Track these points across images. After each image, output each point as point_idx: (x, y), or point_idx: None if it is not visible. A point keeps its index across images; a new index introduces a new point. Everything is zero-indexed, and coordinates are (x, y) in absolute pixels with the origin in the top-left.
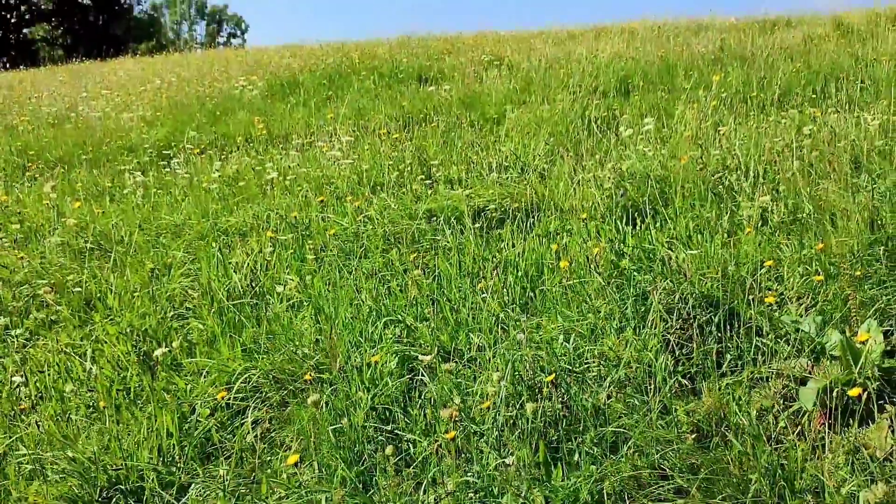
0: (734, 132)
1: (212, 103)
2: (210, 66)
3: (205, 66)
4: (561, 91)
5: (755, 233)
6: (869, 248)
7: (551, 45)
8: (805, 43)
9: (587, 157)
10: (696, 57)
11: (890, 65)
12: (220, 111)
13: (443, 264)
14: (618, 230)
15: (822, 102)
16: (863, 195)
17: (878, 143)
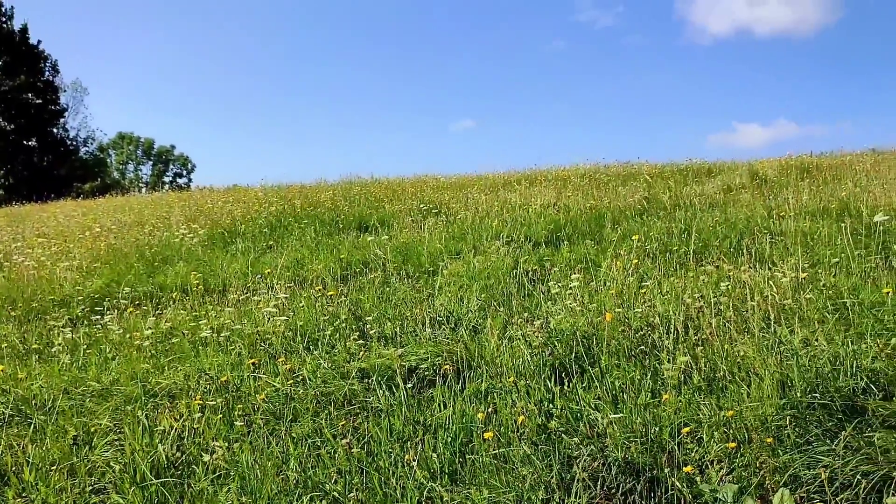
0: (657, 287)
1: (150, 252)
2: (152, 211)
3: (147, 211)
4: (495, 241)
5: (677, 393)
6: (780, 411)
7: (487, 193)
8: (724, 193)
9: (518, 312)
10: (623, 207)
11: (797, 221)
12: (158, 260)
13: (373, 429)
14: (547, 390)
15: (738, 257)
16: (772, 357)
17: (787, 302)
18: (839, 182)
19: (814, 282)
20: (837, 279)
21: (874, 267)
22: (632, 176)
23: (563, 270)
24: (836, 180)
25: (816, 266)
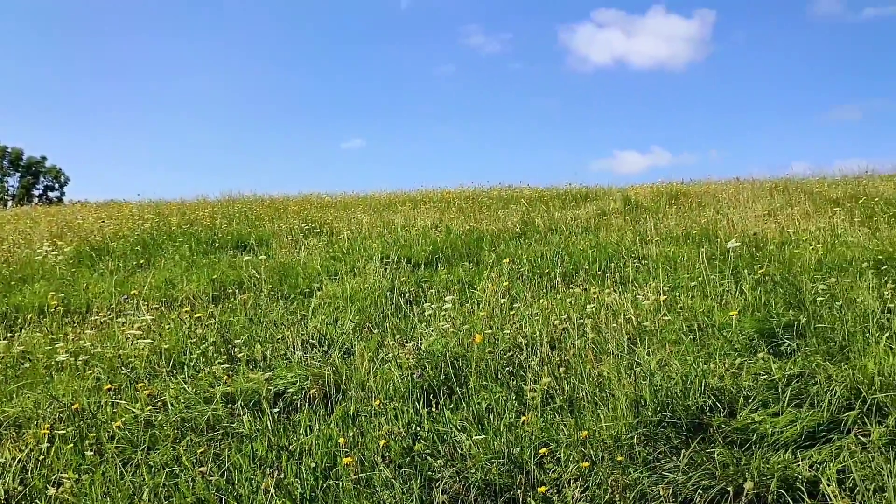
0: (528, 309)
1: (9, 270)
2: (14, 226)
3: (8, 226)
4: (375, 262)
5: (539, 414)
6: (633, 430)
7: (371, 213)
8: (598, 217)
9: (392, 334)
10: (502, 230)
11: (662, 245)
12: (16, 279)
13: (235, 455)
14: (416, 412)
15: (606, 279)
16: (627, 378)
17: (646, 323)
18: (703, 209)
19: (673, 304)
20: (694, 302)
21: (726, 290)
22: (513, 199)
23: (440, 292)
24: (700, 207)
25: (676, 289)
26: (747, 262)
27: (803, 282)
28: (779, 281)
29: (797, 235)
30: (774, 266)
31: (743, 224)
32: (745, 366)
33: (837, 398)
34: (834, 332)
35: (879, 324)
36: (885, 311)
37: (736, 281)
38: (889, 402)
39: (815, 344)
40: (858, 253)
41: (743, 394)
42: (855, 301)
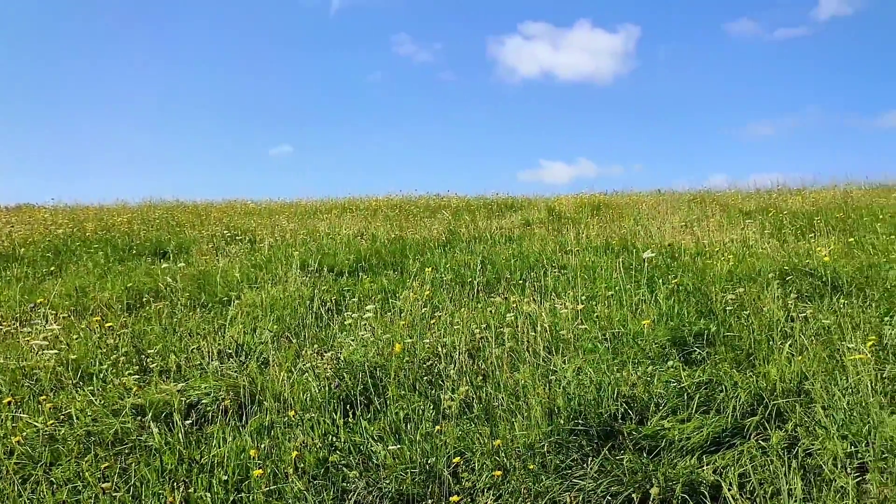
0: (449, 318)
1: None
2: None
3: None
4: (296, 270)
5: (456, 423)
6: (546, 438)
7: (297, 220)
8: (523, 227)
9: (312, 343)
10: (428, 238)
11: (583, 255)
12: None
13: (143, 469)
14: (332, 422)
15: (527, 287)
16: (541, 386)
17: (563, 332)
18: (624, 220)
19: (590, 313)
20: (611, 311)
21: (641, 299)
22: (440, 208)
23: (362, 301)
24: (621, 218)
25: (594, 298)
26: (663, 272)
27: (714, 292)
28: (691, 290)
29: (711, 246)
30: (688, 276)
31: (661, 235)
32: (656, 373)
33: (741, 404)
34: (741, 341)
35: (783, 332)
36: (789, 320)
37: (651, 290)
38: (788, 407)
39: (724, 352)
40: (767, 264)
41: (654, 401)
42: (761, 310)
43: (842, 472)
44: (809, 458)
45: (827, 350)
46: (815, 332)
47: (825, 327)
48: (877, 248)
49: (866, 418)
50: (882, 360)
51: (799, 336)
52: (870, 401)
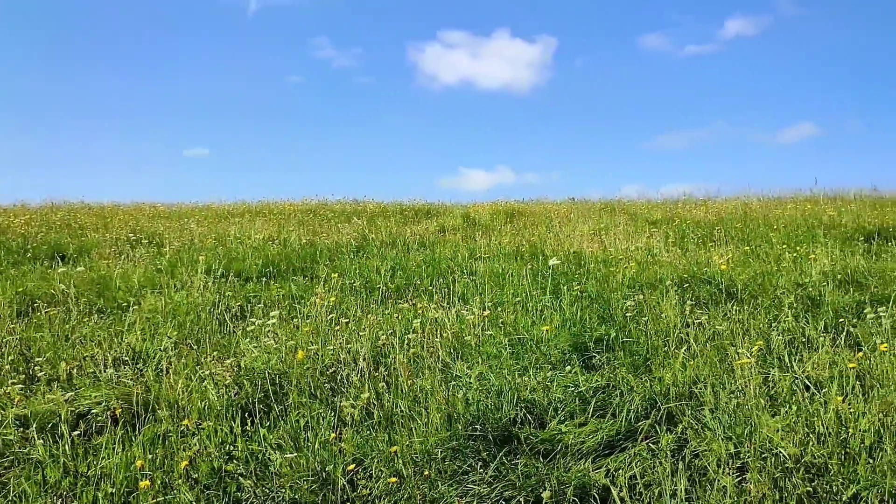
0: (356, 324)
1: None
2: None
3: None
4: (202, 275)
5: (357, 430)
6: (444, 443)
7: (207, 224)
8: (438, 233)
9: (213, 350)
10: (341, 244)
11: (493, 262)
12: None
13: (24, 483)
14: (231, 431)
15: (436, 294)
16: (440, 392)
17: (467, 338)
18: (537, 227)
19: (495, 319)
20: (516, 317)
21: (546, 306)
22: (356, 213)
23: (268, 307)
24: (534, 225)
25: (501, 305)
26: (570, 278)
27: (616, 298)
28: (595, 297)
29: (617, 254)
30: (592, 283)
31: (570, 242)
32: (556, 378)
33: (636, 408)
34: (639, 346)
35: (679, 338)
36: (685, 326)
37: (556, 297)
38: (679, 410)
39: (623, 357)
40: (668, 271)
41: (553, 406)
42: (660, 317)
43: (724, 472)
44: (696, 459)
45: (718, 355)
46: (708, 338)
47: (718, 333)
48: (770, 257)
49: (749, 420)
50: (768, 363)
51: (693, 341)
52: (752, 403)
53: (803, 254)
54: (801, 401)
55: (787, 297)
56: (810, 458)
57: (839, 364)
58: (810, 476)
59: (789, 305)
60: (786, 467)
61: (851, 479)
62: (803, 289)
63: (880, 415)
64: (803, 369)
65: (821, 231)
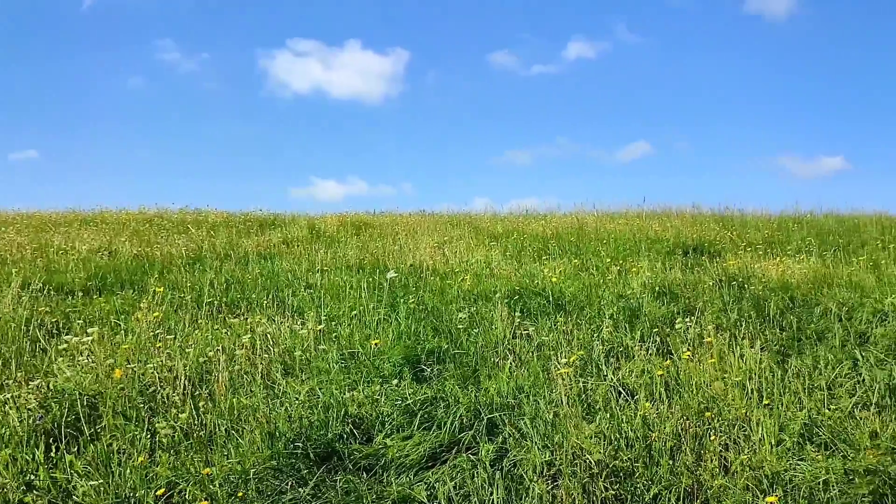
0: (182, 340)
1: None
2: None
3: None
4: (15, 289)
5: (174, 451)
6: (265, 462)
7: (29, 233)
8: (282, 245)
9: (21, 370)
10: (177, 255)
11: (335, 274)
12: None
13: None
14: (33, 458)
15: (272, 307)
16: (263, 410)
17: (297, 353)
18: (384, 239)
19: (330, 333)
20: (352, 330)
21: (383, 318)
22: (197, 223)
23: (90, 323)
24: (381, 237)
25: (338, 318)
26: (408, 291)
27: (451, 310)
28: (431, 309)
29: (457, 266)
30: (429, 295)
31: (413, 255)
32: (385, 392)
33: (460, 419)
34: (469, 357)
35: (507, 349)
36: (514, 337)
37: (394, 309)
38: (501, 420)
39: (453, 368)
40: (503, 284)
41: (380, 420)
42: (490, 328)
43: (539, 479)
44: (515, 468)
45: (543, 365)
46: (535, 348)
47: (544, 343)
48: (598, 270)
49: (564, 428)
50: (587, 372)
51: (521, 352)
52: (566, 411)
53: (628, 267)
54: (614, 408)
55: (609, 309)
56: (619, 463)
57: (650, 371)
58: (619, 479)
59: (611, 316)
60: (593, 472)
61: (654, 481)
62: (625, 300)
63: (682, 419)
64: (619, 377)
65: (645, 245)
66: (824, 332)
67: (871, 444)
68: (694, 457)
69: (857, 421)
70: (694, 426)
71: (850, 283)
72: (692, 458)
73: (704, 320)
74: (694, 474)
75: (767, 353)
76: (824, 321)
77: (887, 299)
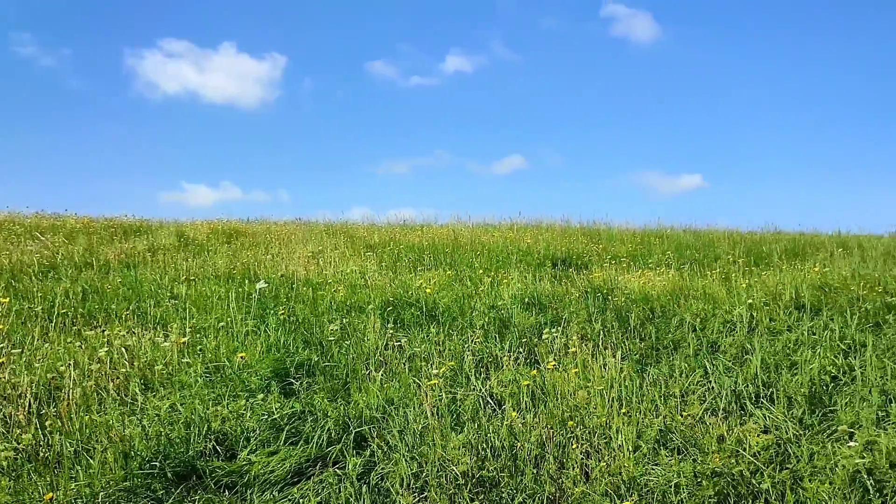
0: (32, 354)
1: None
2: None
3: None
4: None
5: (15, 476)
6: (119, 483)
7: None
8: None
9: None
10: (30, 263)
11: (204, 284)
12: None
13: None
14: None
15: (132, 319)
16: (117, 428)
17: (158, 367)
18: (257, 248)
19: (196, 346)
20: (219, 342)
21: (252, 330)
22: (54, 229)
23: None
24: (255, 246)
25: (204, 330)
26: (280, 302)
27: (323, 322)
28: (302, 321)
29: (332, 276)
30: (301, 306)
31: (287, 264)
32: (251, 406)
33: (328, 433)
34: (340, 369)
35: (379, 360)
36: (387, 349)
37: (264, 321)
38: (370, 433)
39: (323, 381)
40: (377, 294)
41: (245, 435)
42: (363, 339)
43: (406, 491)
44: (382, 481)
45: (415, 376)
46: (407, 359)
47: (416, 354)
48: (472, 281)
49: (431, 439)
50: (458, 383)
51: (392, 363)
52: (434, 423)
53: (500, 279)
54: (482, 418)
55: (481, 319)
56: (486, 473)
57: (518, 381)
58: (485, 489)
59: (482, 326)
60: (460, 483)
61: (519, 490)
62: (496, 311)
63: (546, 427)
64: (488, 387)
65: (517, 257)
66: (680, 341)
67: (717, 447)
68: (557, 465)
69: (707, 426)
70: (558, 434)
71: (705, 295)
72: (555, 466)
73: (570, 331)
74: (557, 482)
75: (628, 362)
76: (680, 331)
77: (735, 310)
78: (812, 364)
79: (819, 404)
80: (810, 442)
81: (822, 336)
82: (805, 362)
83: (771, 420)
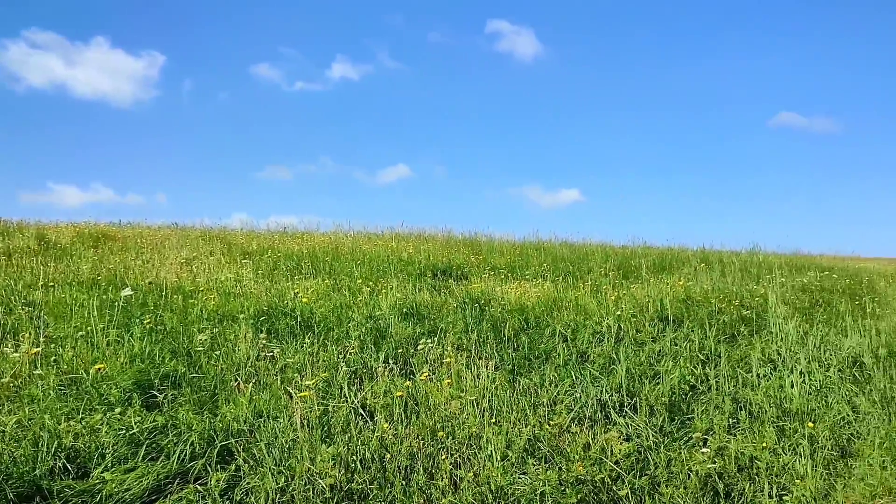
0: None
1: None
2: None
3: None
4: None
5: None
6: None
7: None
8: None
9: None
10: None
11: (64, 291)
12: None
13: None
14: None
15: None
16: None
17: (5, 380)
18: (126, 253)
19: (50, 356)
20: (78, 353)
21: (116, 340)
22: None
23: None
24: (125, 251)
25: (62, 339)
26: (148, 310)
27: (193, 331)
28: (170, 330)
29: (205, 284)
30: (170, 315)
31: (158, 271)
32: (107, 421)
33: (192, 447)
34: (208, 381)
35: (249, 372)
36: (257, 360)
37: (129, 330)
38: (236, 447)
39: (189, 393)
40: (251, 303)
41: (100, 451)
42: (234, 349)
43: None
44: (247, 496)
45: (286, 387)
46: (279, 370)
47: (289, 365)
48: (351, 290)
49: (300, 452)
50: (330, 394)
51: (263, 374)
52: (303, 435)
53: (380, 288)
54: (353, 430)
55: (357, 330)
56: (355, 485)
57: (392, 392)
58: (354, 502)
59: (358, 337)
60: (327, 497)
61: (388, 501)
62: (374, 321)
63: (417, 438)
64: (360, 398)
65: (398, 267)
66: (551, 351)
67: (582, 455)
68: (427, 476)
69: (573, 435)
70: (429, 445)
71: (577, 307)
72: (425, 477)
73: (446, 341)
74: (425, 493)
75: (501, 372)
76: (552, 342)
77: (605, 321)
78: (673, 374)
79: (678, 412)
80: (668, 449)
81: (683, 347)
82: (667, 372)
83: (633, 428)
